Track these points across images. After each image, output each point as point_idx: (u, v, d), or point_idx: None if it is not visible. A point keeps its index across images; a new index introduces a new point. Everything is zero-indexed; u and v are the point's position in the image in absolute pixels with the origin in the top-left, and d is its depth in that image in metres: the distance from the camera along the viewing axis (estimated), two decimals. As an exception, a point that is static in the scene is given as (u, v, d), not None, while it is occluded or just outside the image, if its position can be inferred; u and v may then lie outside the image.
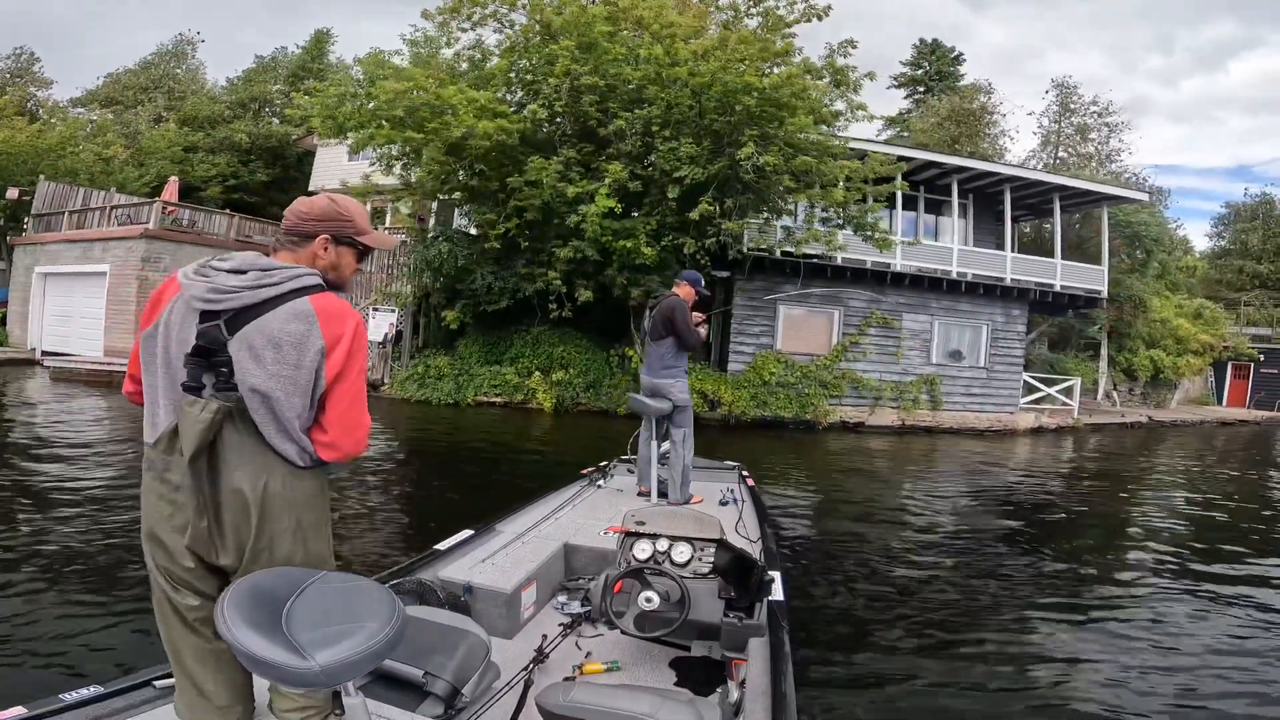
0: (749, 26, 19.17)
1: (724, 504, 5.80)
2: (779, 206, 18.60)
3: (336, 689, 1.81)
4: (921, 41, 49.38)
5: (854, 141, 19.34)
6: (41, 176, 26.62)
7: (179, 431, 2.00)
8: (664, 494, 5.92)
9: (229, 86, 39.49)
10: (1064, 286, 22.65)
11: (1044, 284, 22.50)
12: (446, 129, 16.20)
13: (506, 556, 4.01)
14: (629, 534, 3.50)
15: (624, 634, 3.26)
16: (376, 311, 20.11)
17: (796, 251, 18.88)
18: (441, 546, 4.04)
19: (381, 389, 19.26)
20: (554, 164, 16.51)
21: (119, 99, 39.56)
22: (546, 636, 3.45)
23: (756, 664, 2.88)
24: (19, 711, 2.15)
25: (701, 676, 3.27)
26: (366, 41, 79.69)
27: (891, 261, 20.82)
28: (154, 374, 2.08)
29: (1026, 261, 23.03)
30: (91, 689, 2.31)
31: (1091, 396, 27.68)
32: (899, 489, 12.11)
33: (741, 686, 2.74)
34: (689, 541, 3.36)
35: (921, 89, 47.86)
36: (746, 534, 4.81)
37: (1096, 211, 25.66)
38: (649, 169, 17.28)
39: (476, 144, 16.22)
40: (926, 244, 22.30)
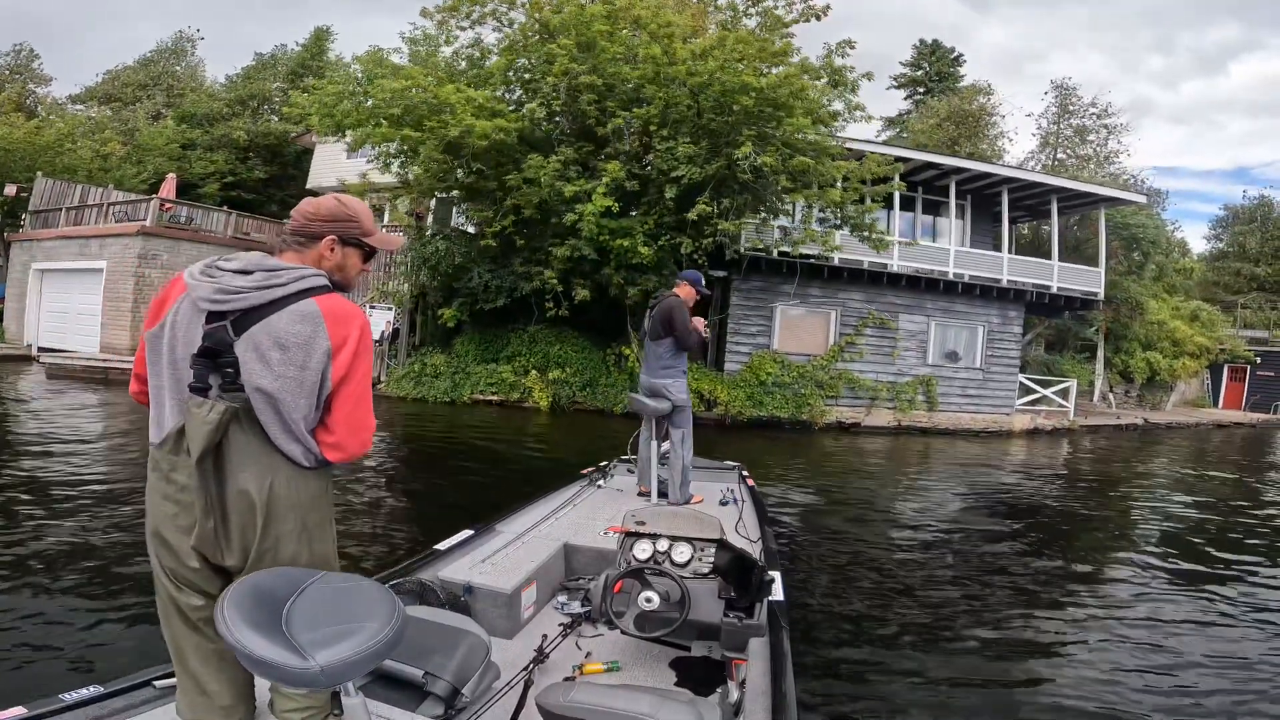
0: (748, 26, 19.18)
1: (724, 504, 5.79)
2: (776, 207, 18.58)
3: (336, 689, 1.81)
4: (921, 42, 49.39)
5: (851, 142, 19.37)
6: (39, 173, 26.57)
7: (186, 432, 2.00)
8: (664, 494, 5.91)
9: (228, 84, 39.36)
10: (1061, 288, 22.66)
11: (1041, 285, 22.51)
12: (444, 127, 16.19)
13: (506, 556, 4.01)
14: (629, 534, 3.50)
15: (624, 634, 3.27)
16: (373, 309, 20.10)
17: (793, 252, 18.85)
18: (441, 546, 4.04)
19: (377, 387, 19.21)
20: (552, 162, 16.49)
21: (118, 96, 39.47)
22: (546, 636, 3.45)
23: (756, 664, 2.88)
24: (19, 711, 2.14)
25: (701, 676, 3.27)
26: (368, 38, 79.60)
27: (888, 262, 20.84)
28: (160, 374, 2.07)
29: (1023, 263, 23.05)
30: (91, 689, 2.31)
31: (1088, 398, 27.70)
32: (896, 489, 12.12)
33: (741, 686, 2.74)
34: (689, 541, 3.35)
35: (921, 90, 47.77)
36: (746, 534, 4.81)
37: (1094, 213, 25.64)
38: (647, 168, 17.27)
39: (474, 143, 16.20)
40: (923, 245, 22.34)
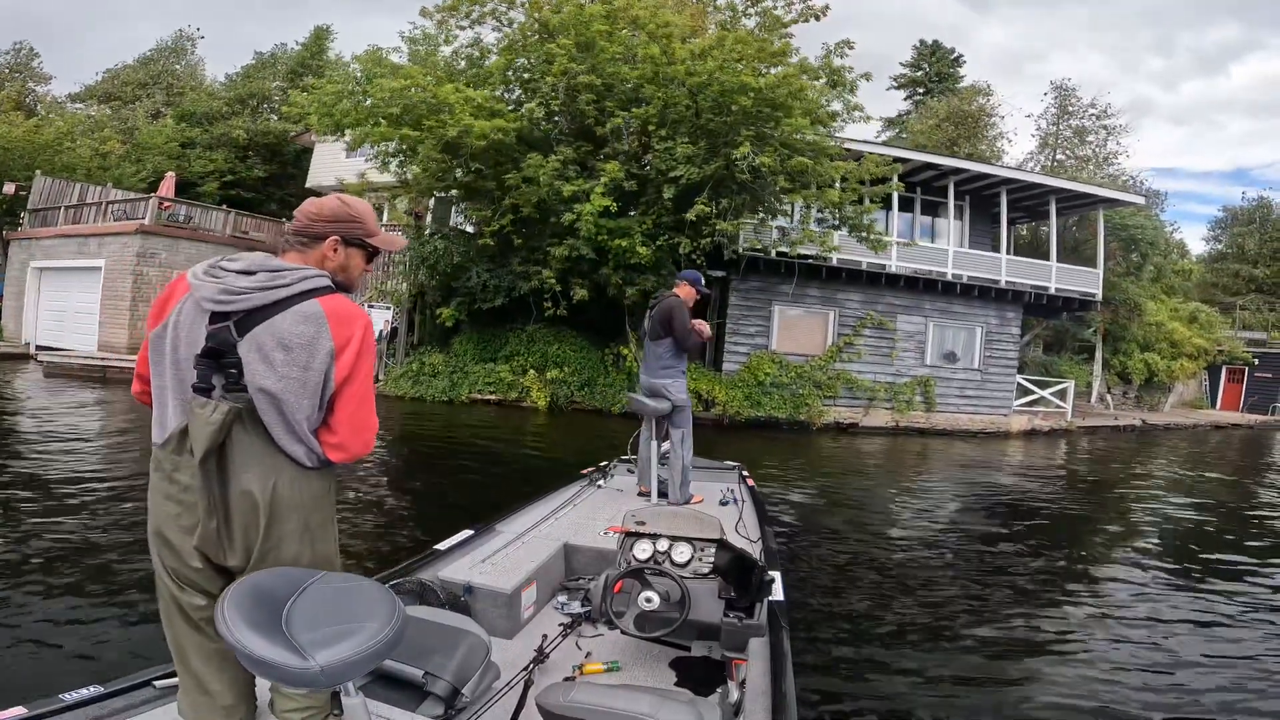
0: (746, 27, 19.19)
1: (724, 504, 5.79)
2: (774, 207, 18.59)
3: (336, 689, 1.81)
4: (921, 43, 49.40)
5: (850, 142, 19.40)
6: (38, 172, 26.59)
7: (189, 433, 2.00)
8: (664, 494, 5.91)
9: (228, 83, 39.37)
10: (1059, 289, 22.68)
11: (1039, 286, 22.51)
12: (442, 127, 16.19)
13: (506, 556, 4.01)
14: (629, 534, 3.50)
15: (624, 634, 3.26)
16: (371, 308, 20.08)
17: (791, 252, 18.87)
18: (441, 546, 4.03)
19: (375, 386, 19.19)
20: (551, 162, 16.49)
21: (118, 95, 39.47)
22: (546, 636, 3.45)
23: (756, 664, 2.88)
24: (19, 711, 2.14)
25: (701, 676, 3.27)
26: (368, 38, 79.53)
27: (887, 263, 20.84)
28: (163, 374, 2.07)
29: (1021, 264, 23.08)
30: (91, 689, 2.30)
31: (1086, 399, 27.73)
32: (895, 490, 12.13)
33: (741, 686, 2.74)
34: (689, 541, 3.35)
35: (921, 90, 47.76)
36: (746, 534, 4.81)
37: (1092, 214, 25.67)
38: (645, 169, 17.27)
39: (472, 142, 16.20)
40: (922, 245, 22.35)
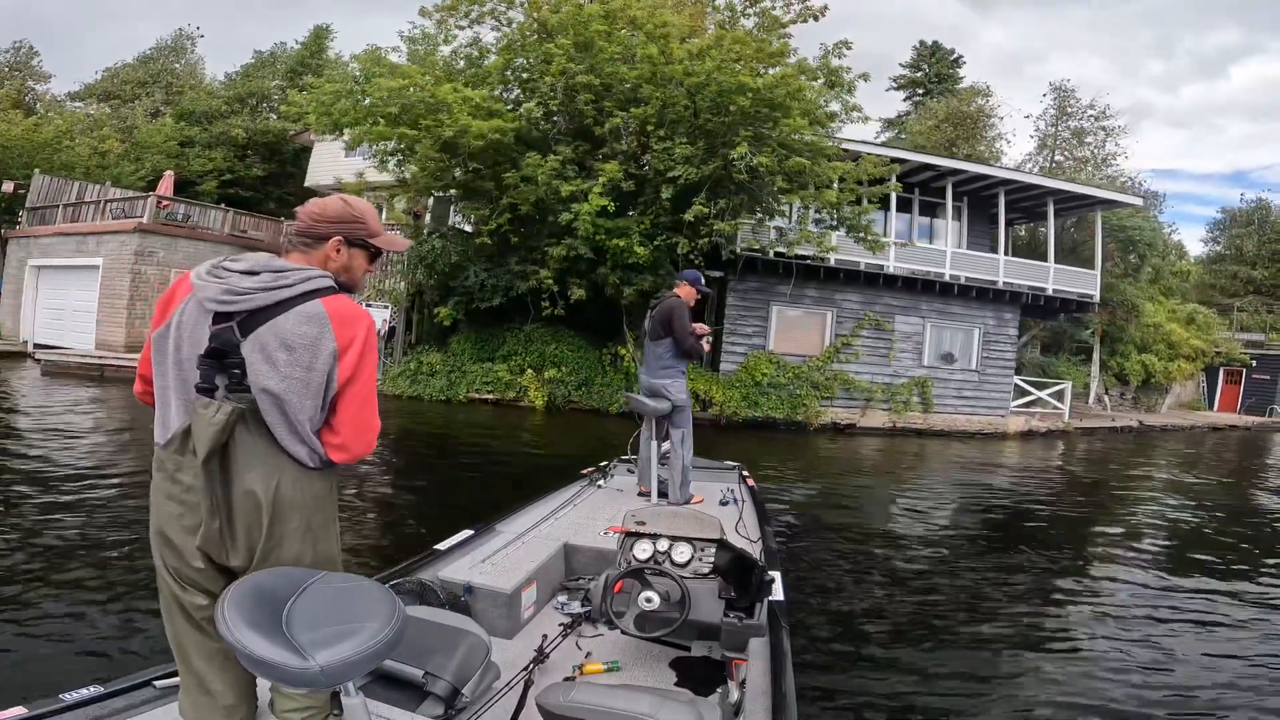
0: (745, 27, 19.19)
1: (724, 504, 5.79)
2: (772, 207, 18.59)
3: (336, 689, 1.81)
4: (921, 44, 49.16)
5: (848, 143, 19.40)
6: (37, 170, 26.59)
7: (192, 433, 2.00)
8: (664, 494, 5.91)
9: (227, 82, 39.35)
10: (1056, 290, 22.66)
11: (1036, 288, 22.50)
12: (439, 127, 16.20)
13: (506, 556, 4.00)
14: (629, 534, 3.50)
15: (624, 634, 3.26)
16: (369, 307, 20.09)
17: (789, 253, 18.88)
18: (441, 546, 4.03)
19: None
20: (550, 161, 16.50)
21: (117, 93, 39.42)
22: (546, 636, 3.45)
23: (757, 664, 2.89)
24: (19, 711, 2.14)
25: (702, 676, 3.27)
26: (368, 38, 79.53)
27: (885, 263, 20.83)
28: (165, 375, 2.07)
29: (1019, 265, 23.07)
30: (91, 689, 2.31)
31: (1083, 400, 27.76)
32: (893, 490, 12.15)
33: (742, 686, 2.75)
34: (689, 541, 3.35)
35: (921, 91, 47.62)
36: (746, 534, 4.81)
37: (1090, 216, 25.66)
38: (644, 169, 17.28)
39: (469, 142, 16.21)
40: (919, 246, 22.34)
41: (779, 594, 3.37)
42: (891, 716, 4.29)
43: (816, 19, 18.38)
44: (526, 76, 18.80)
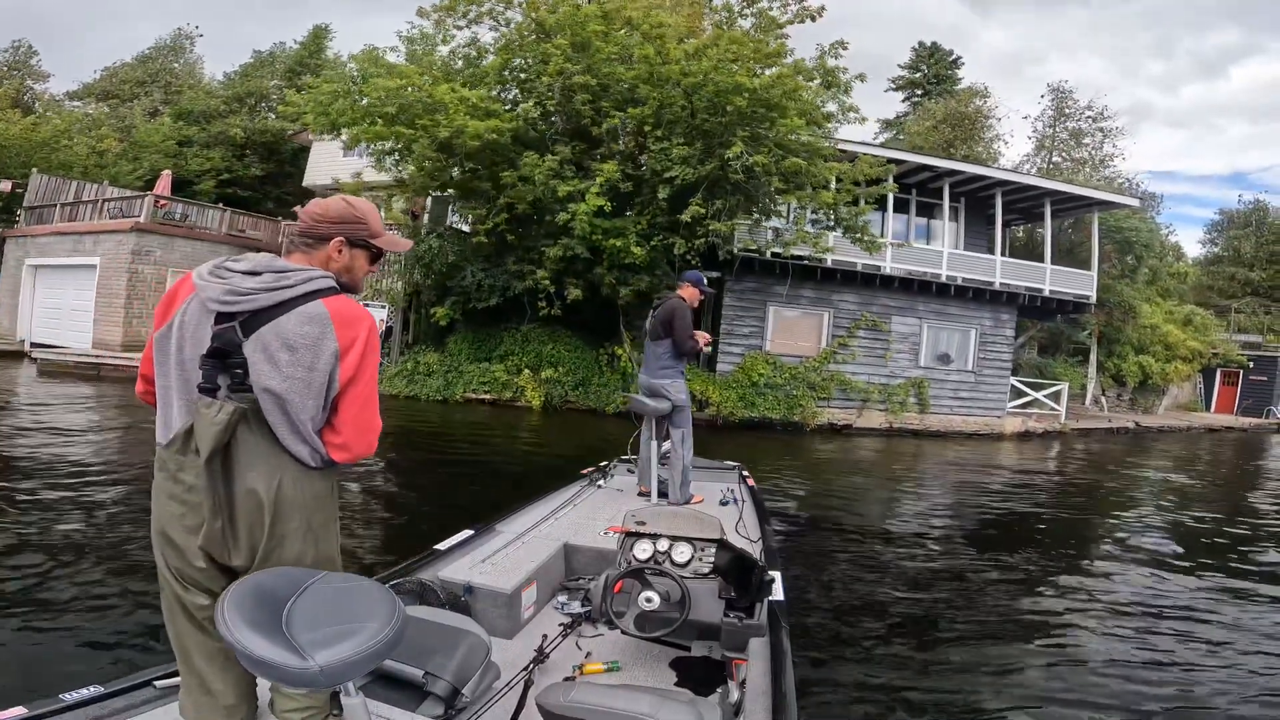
0: (742, 28, 19.19)
1: (724, 504, 5.78)
2: (769, 208, 18.57)
3: (336, 689, 1.81)
4: (920, 44, 49.20)
5: (845, 144, 19.43)
6: (34, 169, 26.56)
7: (194, 432, 2.00)
8: (664, 494, 5.91)
9: (226, 81, 39.32)
10: (1053, 291, 22.66)
11: (1033, 288, 22.51)
12: (436, 126, 16.20)
13: (506, 556, 4.00)
14: (629, 534, 3.49)
15: (624, 634, 3.26)
16: (366, 307, 20.07)
17: (785, 253, 18.89)
18: (441, 546, 4.02)
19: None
20: (547, 161, 16.50)
21: (115, 93, 39.37)
22: (546, 636, 3.44)
23: (757, 664, 2.89)
24: (19, 711, 2.14)
25: (702, 676, 3.27)
26: (368, 37, 79.33)
27: (881, 264, 20.84)
28: (167, 374, 2.08)
29: (1016, 266, 23.07)
30: (91, 689, 2.30)
31: (1080, 402, 27.79)
32: (890, 491, 12.16)
33: (742, 686, 2.74)
34: (689, 541, 3.35)
35: (919, 92, 47.65)
36: (747, 534, 4.81)
37: (1087, 217, 25.68)
38: (641, 169, 17.28)
39: (466, 142, 16.22)
40: (916, 247, 22.35)
41: (779, 594, 3.36)
42: (891, 716, 4.29)
43: (814, 19, 18.40)
44: (524, 77, 18.79)
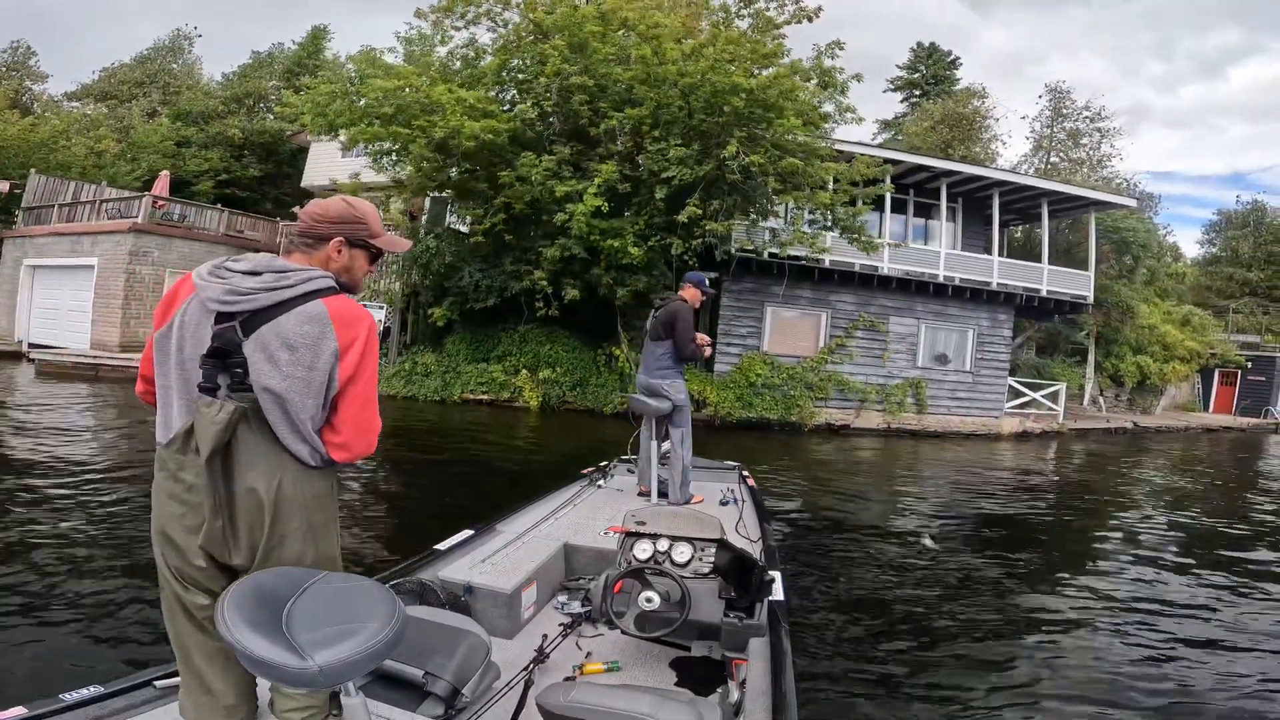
0: (740, 28, 19.18)
1: (724, 504, 5.79)
2: (766, 208, 18.55)
3: (336, 689, 1.81)
4: (919, 45, 49.08)
5: (843, 144, 19.43)
6: (33, 170, 26.53)
7: (195, 432, 2.01)
8: (664, 494, 5.91)
9: (224, 82, 39.29)
10: (1050, 291, 22.69)
11: (1030, 289, 22.53)
12: (432, 127, 16.20)
13: (506, 556, 4.00)
14: (629, 534, 3.50)
15: (624, 634, 3.26)
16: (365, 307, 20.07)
17: (782, 253, 18.88)
18: (441, 546, 4.03)
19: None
20: (544, 161, 16.50)
21: (114, 93, 39.32)
22: (547, 636, 3.45)
23: (757, 664, 2.89)
24: (19, 711, 2.15)
25: (702, 676, 3.27)
26: (368, 38, 79.29)
27: (879, 265, 20.86)
28: (168, 374, 2.08)
29: (1013, 266, 23.08)
30: (91, 689, 2.31)
31: (1078, 402, 27.80)
32: (889, 491, 12.17)
33: (742, 686, 2.75)
34: (689, 541, 3.36)
35: (918, 92, 47.62)
36: (747, 534, 4.81)
37: (1084, 217, 25.71)
38: (639, 170, 17.28)
39: (462, 143, 16.22)
40: (913, 247, 22.38)
41: (779, 594, 3.36)
42: (892, 715, 4.29)
43: (810, 20, 18.39)
44: (522, 78, 18.79)
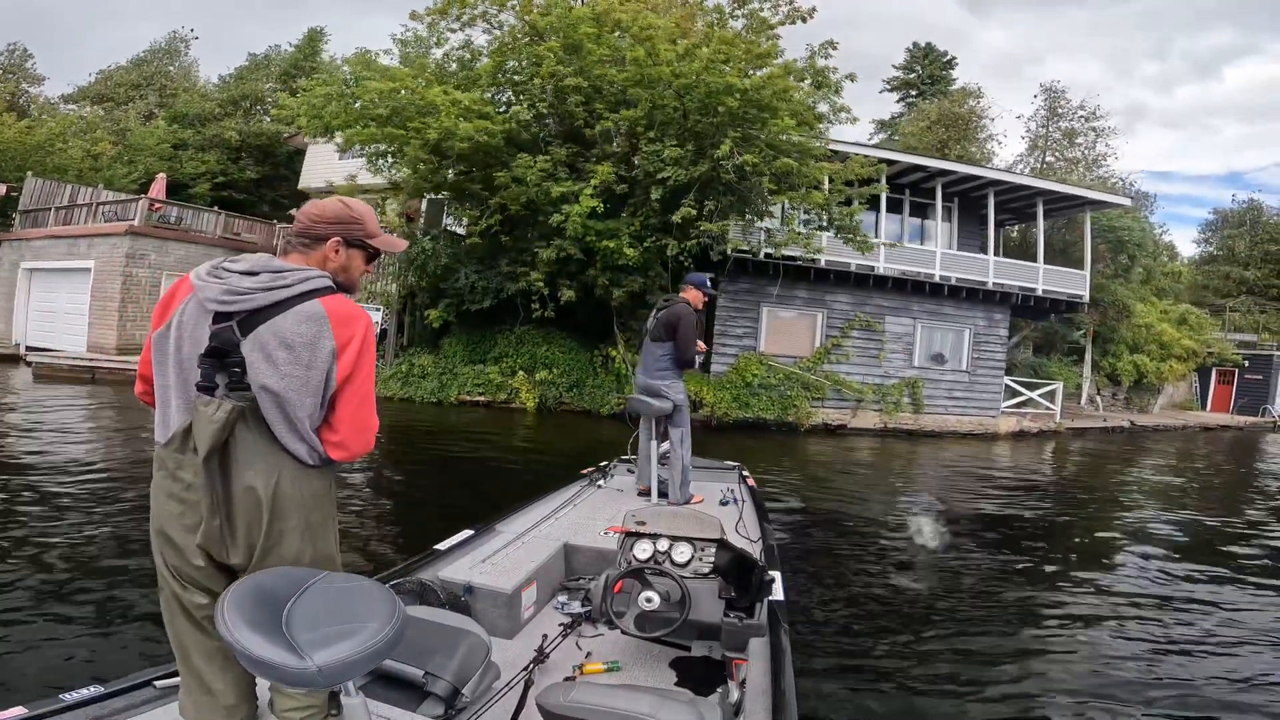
0: (734, 29, 19.19)
1: (724, 504, 5.79)
2: (761, 209, 18.54)
3: (335, 689, 1.81)
4: (915, 45, 49.16)
5: (838, 144, 19.40)
6: (29, 173, 26.49)
7: (193, 431, 2.02)
8: (664, 494, 5.91)
9: (221, 84, 39.30)
10: (1046, 291, 22.70)
11: (1026, 288, 22.52)
12: (426, 129, 16.20)
13: (506, 556, 4.00)
14: (629, 534, 3.50)
15: (624, 634, 3.26)
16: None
17: (777, 254, 18.88)
18: (441, 546, 4.03)
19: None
20: (540, 161, 16.52)
21: (110, 96, 39.31)
22: (547, 636, 3.44)
23: (757, 664, 2.89)
24: (19, 711, 2.15)
25: (702, 676, 3.27)
26: (366, 39, 79.99)
27: (875, 264, 20.86)
28: (166, 374, 2.09)
29: (1009, 265, 23.08)
30: (91, 689, 2.31)
31: (1075, 401, 27.82)
32: (887, 490, 12.18)
33: (742, 686, 2.75)
34: (689, 541, 3.36)
35: (914, 93, 47.70)
36: (746, 534, 4.81)
37: (1080, 216, 25.72)
38: (634, 171, 17.29)
39: (456, 145, 16.22)
40: (909, 247, 22.39)
41: (779, 594, 3.36)
42: (892, 714, 4.29)
43: (804, 20, 18.41)
44: (518, 79, 18.79)
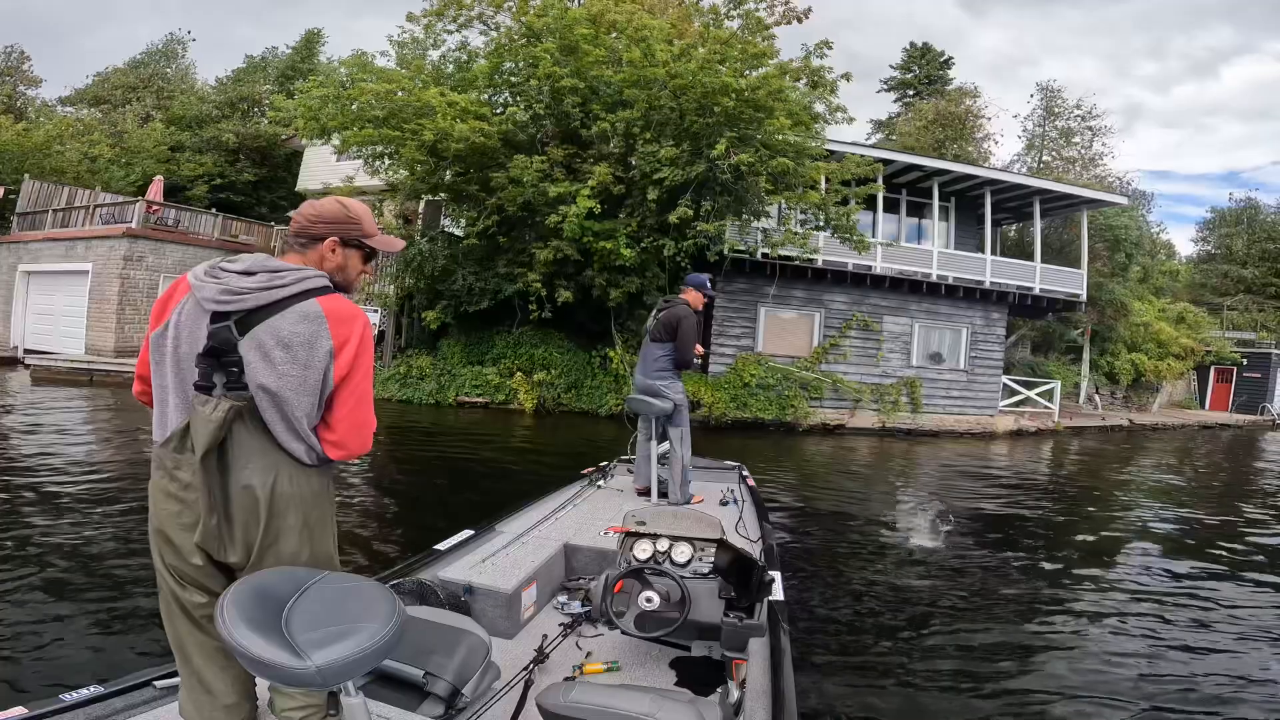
0: (730, 29, 19.20)
1: (724, 504, 5.80)
2: (757, 209, 18.53)
3: (335, 689, 1.81)
4: (912, 45, 49.15)
5: (833, 144, 19.38)
6: (27, 175, 26.47)
7: (191, 430, 2.02)
8: (664, 494, 5.92)
9: (218, 86, 39.27)
10: (1043, 290, 22.74)
11: (1024, 287, 22.56)
12: (423, 130, 16.20)
13: (506, 556, 4.00)
14: (629, 534, 3.50)
15: (624, 634, 3.27)
16: (359, 309, 20.05)
17: (773, 254, 18.89)
18: (441, 546, 4.03)
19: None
20: (536, 162, 16.51)
21: (107, 98, 39.27)
22: (547, 636, 3.45)
23: (757, 664, 2.89)
24: (19, 711, 2.15)
25: (702, 676, 3.26)
26: (365, 40, 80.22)
27: (872, 264, 20.89)
28: (164, 374, 2.09)
29: (1006, 264, 23.12)
30: (91, 689, 2.31)
31: (1074, 400, 27.83)
32: (886, 490, 12.17)
33: (742, 686, 2.74)
34: (689, 541, 3.36)
35: (911, 92, 47.70)
36: (746, 534, 4.82)
37: (1077, 215, 25.74)
38: (631, 172, 17.29)
39: (451, 146, 16.21)
40: (906, 247, 22.43)
41: (779, 594, 3.36)
42: (893, 713, 4.29)
43: (800, 21, 18.43)
44: (515, 80, 18.79)
